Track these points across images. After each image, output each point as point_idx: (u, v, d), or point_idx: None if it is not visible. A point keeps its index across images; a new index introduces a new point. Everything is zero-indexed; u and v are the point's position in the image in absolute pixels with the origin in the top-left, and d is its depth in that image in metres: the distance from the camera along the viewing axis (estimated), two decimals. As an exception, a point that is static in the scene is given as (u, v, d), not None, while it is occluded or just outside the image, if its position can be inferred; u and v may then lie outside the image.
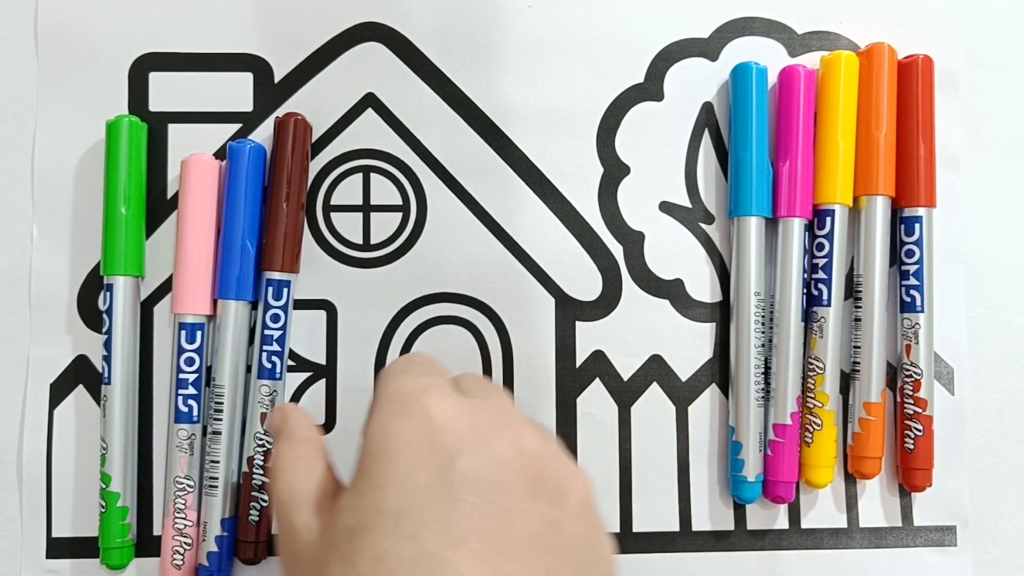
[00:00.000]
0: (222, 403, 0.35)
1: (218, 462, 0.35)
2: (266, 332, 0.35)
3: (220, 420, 0.35)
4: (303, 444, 0.29)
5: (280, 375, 0.35)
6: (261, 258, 0.35)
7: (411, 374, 0.27)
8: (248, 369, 0.36)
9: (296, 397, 0.37)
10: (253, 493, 0.35)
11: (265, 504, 0.35)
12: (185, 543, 0.35)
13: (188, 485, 0.35)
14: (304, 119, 0.36)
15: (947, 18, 0.38)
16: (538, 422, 0.28)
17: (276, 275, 0.35)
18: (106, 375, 0.35)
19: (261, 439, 0.35)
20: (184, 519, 0.35)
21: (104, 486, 0.35)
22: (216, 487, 0.35)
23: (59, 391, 0.36)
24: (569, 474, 0.25)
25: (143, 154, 0.36)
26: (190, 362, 0.35)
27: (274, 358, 0.35)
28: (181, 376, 0.35)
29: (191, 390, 0.35)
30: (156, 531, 0.36)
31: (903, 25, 0.38)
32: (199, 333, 0.35)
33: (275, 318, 0.35)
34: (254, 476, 0.35)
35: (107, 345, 0.35)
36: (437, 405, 0.25)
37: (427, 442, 0.24)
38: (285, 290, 0.35)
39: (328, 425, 0.37)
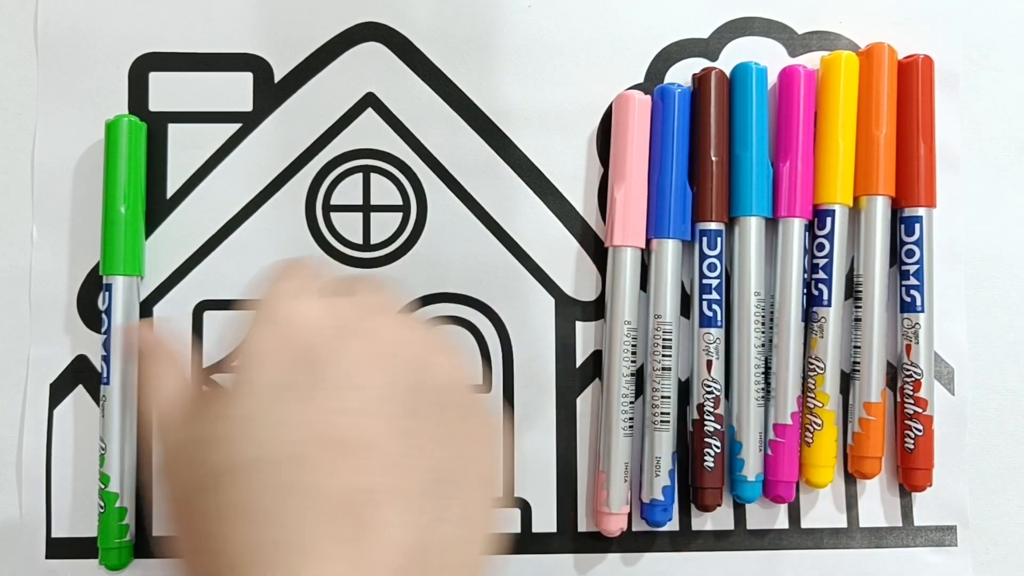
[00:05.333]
0: (670, 340, 0.36)
1: (668, 397, 0.36)
2: (704, 282, 0.36)
3: (669, 356, 0.36)
4: (165, 364, 0.28)
5: (720, 323, 0.36)
6: None
7: (274, 282, 0.26)
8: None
9: (296, 397, 0.36)
10: (706, 439, 0.35)
11: (719, 451, 0.36)
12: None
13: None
14: None
15: (947, 18, 0.38)
16: (412, 316, 0.29)
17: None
18: (105, 375, 0.35)
19: (710, 386, 0.36)
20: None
21: (103, 486, 0.35)
22: (668, 422, 0.36)
23: (59, 391, 0.36)
24: (434, 362, 0.24)
25: (143, 154, 0.36)
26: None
27: (714, 306, 0.36)
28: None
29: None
30: (154, 531, 0.36)
31: (903, 25, 0.38)
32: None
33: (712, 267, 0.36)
34: (705, 423, 0.36)
35: (106, 345, 0.35)
36: (294, 307, 0.24)
37: (283, 344, 0.23)
38: (720, 239, 0.36)
39: (328, 425, 0.37)
